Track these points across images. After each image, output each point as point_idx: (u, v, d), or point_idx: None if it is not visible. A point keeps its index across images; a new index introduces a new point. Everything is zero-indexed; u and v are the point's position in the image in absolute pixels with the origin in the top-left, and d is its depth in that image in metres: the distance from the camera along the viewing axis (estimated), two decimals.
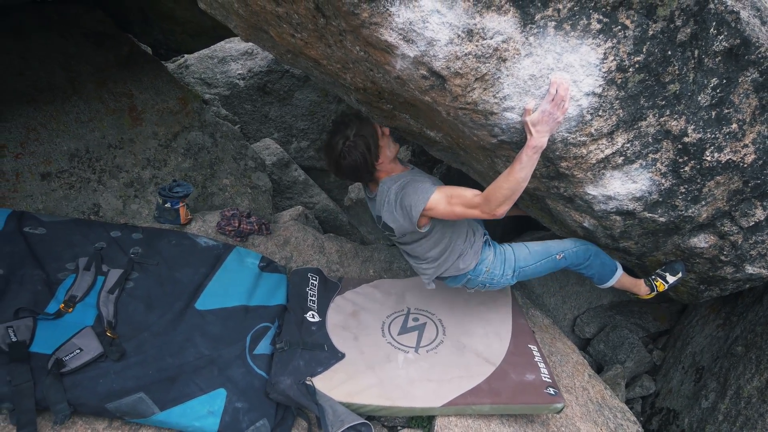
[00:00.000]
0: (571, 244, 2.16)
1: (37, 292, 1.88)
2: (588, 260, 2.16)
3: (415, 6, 1.20)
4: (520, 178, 1.59)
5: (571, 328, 3.79)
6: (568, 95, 1.45)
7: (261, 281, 2.41)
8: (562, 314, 3.79)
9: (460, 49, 1.29)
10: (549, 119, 1.47)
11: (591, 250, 2.16)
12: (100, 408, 1.60)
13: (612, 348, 3.51)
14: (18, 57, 2.74)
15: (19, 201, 2.72)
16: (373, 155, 1.89)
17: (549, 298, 3.78)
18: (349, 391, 1.96)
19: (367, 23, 1.23)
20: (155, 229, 2.46)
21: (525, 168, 1.56)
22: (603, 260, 2.20)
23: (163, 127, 3.04)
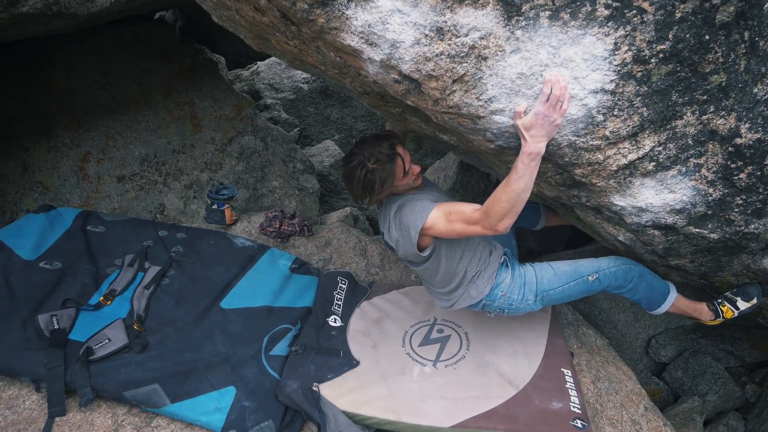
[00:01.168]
0: (607, 263, 1.89)
1: (85, 284, 2.10)
2: (630, 282, 1.88)
3: (372, 7, 1.12)
4: (518, 189, 1.41)
5: (645, 350, 3.38)
6: (567, 94, 1.26)
7: (290, 283, 2.47)
8: (633, 333, 3.39)
9: (429, 50, 1.19)
10: (544, 122, 1.29)
11: (634, 270, 1.87)
12: (119, 395, 1.75)
13: (691, 377, 3.08)
14: (100, 73, 3.09)
15: (99, 201, 3.08)
16: (379, 193, 1.75)
17: (618, 314, 3.40)
18: (356, 400, 1.92)
19: (326, 29, 1.18)
20: (198, 229, 2.63)
21: (523, 178, 1.39)
22: (650, 282, 1.90)
23: (219, 133, 3.24)
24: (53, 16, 2.20)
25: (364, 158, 1.71)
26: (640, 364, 3.30)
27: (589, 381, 2.32)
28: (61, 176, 3.01)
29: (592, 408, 2.17)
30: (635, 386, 2.43)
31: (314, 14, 1.15)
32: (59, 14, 2.20)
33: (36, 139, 3.00)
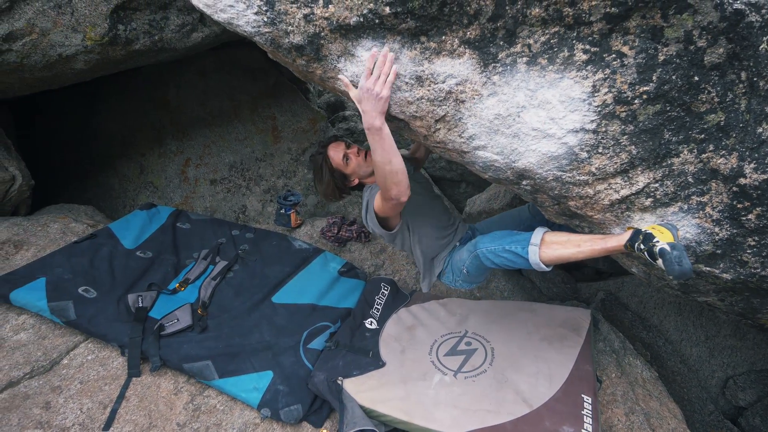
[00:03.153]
0: (465, 255, 2.02)
1: (167, 272, 2.56)
2: (487, 265, 1.89)
3: (358, 61, 1.31)
4: (378, 163, 1.52)
5: (721, 391, 3.11)
6: (393, 68, 1.31)
7: (337, 285, 2.72)
8: (708, 371, 3.14)
9: (410, 95, 1.34)
10: (370, 97, 1.35)
11: (477, 253, 1.88)
12: (179, 366, 2.14)
13: None
14: (201, 92, 3.64)
15: (195, 200, 3.64)
16: (337, 190, 2.11)
17: (690, 347, 3.17)
18: (374, 398, 2.11)
19: (324, 77, 1.39)
20: (265, 231, 3.00)
21: (376, 151, 1.49)
22: (501, 255, 1.77)
23: (295, 144, 3.62)
24: (158, 51, 2.70)
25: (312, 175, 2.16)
26: (711, 405, 3.03)
27: (622, 413, 2.25)
28: (167, 178, 3.62)
29: None
30: (679, 425, 2.30)
31: (312, 67, 1.37)
32: (163, 49, 2.69)
33: (150, 147, 3.63)
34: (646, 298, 3.22)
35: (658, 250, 1.27)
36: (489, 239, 1.79)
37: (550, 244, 1.57)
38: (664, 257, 1.26)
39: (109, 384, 2.15)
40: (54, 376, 2.17)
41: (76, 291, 2.32)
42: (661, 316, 3.17)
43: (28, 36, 2.41)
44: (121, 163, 3.69)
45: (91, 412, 2.04)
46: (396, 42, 1.29)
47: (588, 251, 1.47)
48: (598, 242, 1.46)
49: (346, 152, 2.07)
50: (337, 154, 2.07)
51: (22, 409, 2.02)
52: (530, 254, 1.60)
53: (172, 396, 2.15)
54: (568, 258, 1.55)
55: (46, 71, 2.58)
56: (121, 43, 2.55)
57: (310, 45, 1.31)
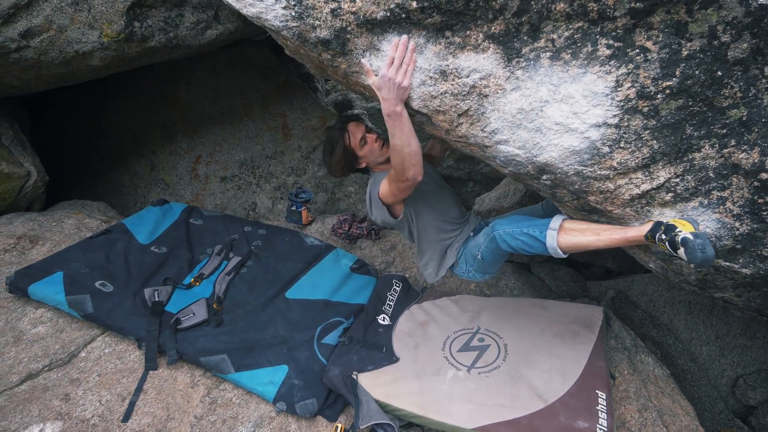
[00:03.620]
0: (481, 238, 1.99)
1: (182, 267, 2.58)
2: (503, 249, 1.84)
3: (382, 55, 1.33)
4: (398, 146, 1.56)
5: (731, 389, 3.12)
6: (412, 59, 1.34)
7: (349, 281, 2.74)
8: (717, 369, 3.15)
9: (434, 89, 1.36)
10: (390, 85, 1.38)
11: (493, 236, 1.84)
12: (196, 359, 2.15)
13: None
14: (212, 90, 3.66)
15: (206, 197, 3.66)
16: (345, 167, 2.12)
17: (700, 346, 3.18)
18: (389, 392, 2.12)
19: (349, 72, 1.41)
20: (277, 228, 3.02)
21: (395, 135, 1.53)
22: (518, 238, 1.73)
23: (305, 141, 3.64)
24: (173, 48, 2.72)
25: (325, 148, 2.14)
26: (721, 403, 3.04)
27: (635, 409, 2.26)
28: (178, 175, 3.64)
29: None
30: (692, 423, 2.30)
31: (337, 62, 1.38)
32: (178, 46, 2.71)
33: (161, 144, 3.66)
34: (656, 297, 3.23)
35: (681, 239, 1.28)
36: (507, 222, 1.78)
37: (569, 231, 1.57)
38: (686, 245, 1.26)
39: (127, 377, 2.17)
40: (72, 368, 2.19)
41: (93, 285, 2.34)
42: (671, 315, 3.18)
43: (46, 33, 2.43)
44: (132, 160, 3.72)
45: (110, 404, 2.06)
46: (421, 36, 1.30)
47: (607, 240, 1.47)
48: (618, 232, 1.46)
49: (366, 135, 2.09)
50: (356, 134, 2.08)
51: (42, 401, 2.04)
52: (548, 238, 1.59)
53: (189, 389, 2.17)
54: (586, 245, 1.54)
55: (62, 68, 2.60)
56: (136, 40, 2.57)
57: (337, 39, 1.33)
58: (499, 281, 3.24)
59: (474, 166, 4.41)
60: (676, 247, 1.28)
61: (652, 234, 1.36)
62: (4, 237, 2.76)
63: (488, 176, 4.33)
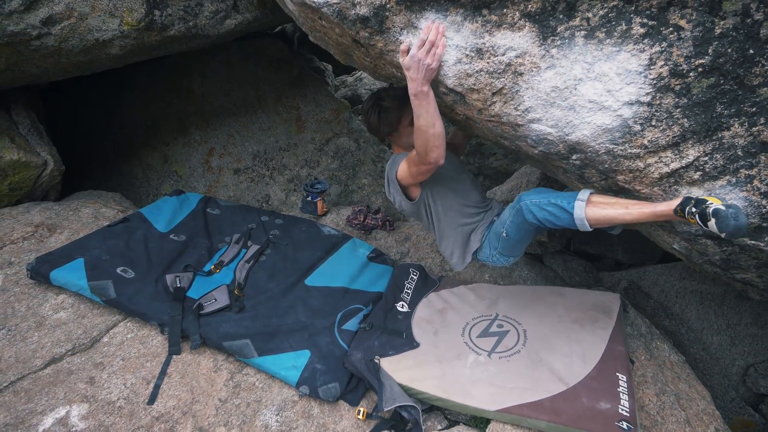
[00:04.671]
0: (507, 212, 1.97)
1: (201, 255, 2.60)
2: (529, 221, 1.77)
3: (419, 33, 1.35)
4: (423, 127, 1.58)
5: (741, 378, 3.14)
6: (442, 41, 1.37)
7: (366, 270, 2.76)
8: (728, 359, 3.17)
9: (470, 67, 1.38)
10: (419, 66, 1.40)
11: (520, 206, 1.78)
12: (218, 344, 2.17)
13: None
14: (226, 82, 3.68)
15: (219, 189, 3.68)
16: (383, 128, 2.08)
17: (711, 336, 3.21)
18: (412, 376, 2.14)
19: (384, 51, 1.43)
20: (293, 217, 3.04)
21: (421, 116, 1.55)
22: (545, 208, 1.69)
23: (319, 134, 3.66)
24: (192, 37, 2.74)
25: (384, 94, 2.05)
26: (732, 392, 3.07)
27: (653, 393, 2.28)
28: (191, 167, 3.66)
29: (651, 419, 2.15)
30: (708, 407, 2.33)
31: (374, 40, 1.41)
32: (197, 35, 2.73)
33: (175, 136, 3.67)
34: (668, 287, 3.26)
35: (712, 210, 1.29)
36: (533, 193, 1.75)
37: (597, 204, 1.56)
38: (718, 216, 1.27)
39: (150, 361, 2.18)
40: (95, 353, 2.21)
41: (114, 271, 2.35)
42: (683, 305, 3.21)
43: (67, 20, 2.45)
44: (145, 152, 3.73)
45: (134, 387, 2.08)
46: (458, 15, 1.33)
47: (636, 214, 1.47)
48: (647, 206, 1.47)
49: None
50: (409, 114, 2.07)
51: (67, 384, 2.05)
52: (576, 209, 1.56)
53: (212, 373, 2.18)
54: (614, 219, 1.53)
55: (82, 56, 2.62)
56: (156, 29, 2.59)
57: (375, 17, 1.35)
58: (512, 272, 3.26)
59: (484, 161, 4.44)
60: (707, 219, 1.30)
61: (682, 208, 1.37)
62: (22, 225, 2.78)
63: (498, 170, 4.37)
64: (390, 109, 2.06)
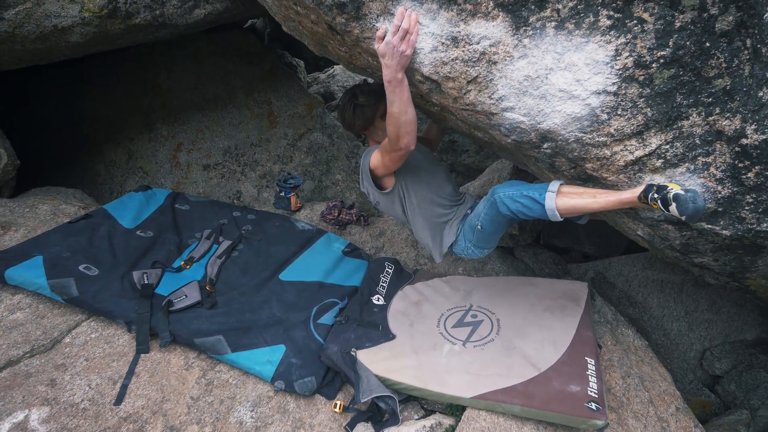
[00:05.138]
0: (482, 205, 2.00)
1: (170, 251, 2.53)
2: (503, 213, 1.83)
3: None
4: (394, 114, 1.63)
5: (699, 362, 3.30)
6: (416, 28, 1.40)
7: (342, 264, 2.75)
8: (687, 343, 3.33)
9: (446, 55, 1.41)
10: (394, 52, 1.43)
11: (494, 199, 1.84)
12: (190, 341, 2.12)
13: (744, 390, 3.00)
14: (194, 75, 3.59)
15: (188, 186, 3.59)
16: (358, 123, 2.12)
17: (671, 322, 3.36)
18: (388, 367, 2.15)
19: (361, 38, 1.44)
20: (266, 213, 3.00)
21: (394, 102, 1.59)
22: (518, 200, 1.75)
23: (292, 129, 3.63)
24: (159, 26, 2.67)
25: (358, 91, 2.10)
26: (690, 374, 3.23)
27: (619, 376, 2.38)
28: (158, 163, 3.55)
29: (617, 400, 2.23)
30: (669, 387, 2.44)
31: (350, 26, 1.41)
32: (164, 24, 2.66)
33: (140, 131, 3.56)
34: (632, 277, 3.39)
35: (672, 195, 1.37)
36: (506, 186, 1.83)
37: (567, 194, 1.63)
38: (678, 200, 1.35)
39: (117, 361, 2.11)
40: (56, 354, 2.12)
41: (76, 268, 2.26)
42: (645, 294, 3.35)
43: (22, 4, 2.34)
44: (108, 147, 3.60)
45: (100, 387, 2.00)
46: (434, 2, 1.35)
47: (603, 202, 1.55)
48: (613, 195, 1.55)
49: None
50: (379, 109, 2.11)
51: (26, 387, 1.96)
52: (547, 200, 1.64)
53: (184, 371, 2.13)
54: (583, 208, 1.61)
55: (38, 43, 2.51)
56: (120, 17, 2.51)
57: (352, 2, 1.35)
58: (485, 265, 3.31)
59: (456, 158, 4.50)
60: (668, 204, 1.38)
61: (645, 194, 1.45)
62: None
63: (471, 167, 4.44)
64: (365, 105, 2.10)
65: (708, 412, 3.08)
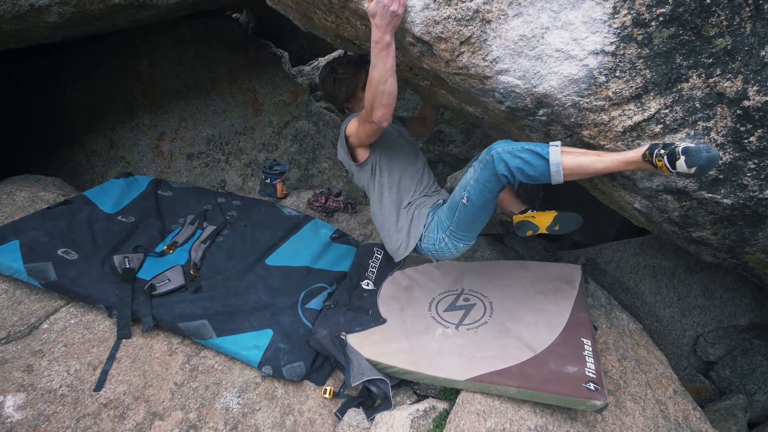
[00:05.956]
0: (471, 174, 1.77)
1: (153, 236, 2.44)
2: (502, 171, 1.61)
3: None
4: (374, 80, 1.57)
5: (692, 348, 3.28)
6: None
7: (330, 250, 2.68)
8: (680, 330, 3.31)
9: (438, 14, 1.35)
10: (385, 12, 1.38)
11: (495, 158, 1.61)
12: (173, 325, 2.03)
13: (740, 375, 2.98)
14: (176, 63, 3.50)
15: (170, 175, 3.49)
16: (340, 96, 2.07)
17: (663, 309, 3.33)
18: (379, 351, 2.09)
19: None
20: (251, 199, 2.92)
21: (375, 67, 1.53)
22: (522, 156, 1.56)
23: (277, 117, 3.55)
24: (139, 7, 2.58)
25: (336, 64, 2.06)
26: (684, 361, 3.21)
27: (615, 359, 2.33)
28: (140, 152, 3.45)
29: (614, 383, 2.19)
30: (666, 370, 2.41)
31: None
32: (144, 5, 2.57)
33: (122, 120, 3.45)
34: (623, 263, 3.37)
35: (681, 149, 1.31)
36: (504, 142, 1.63)
37: (571, 152, 1.52)
38: (688, 153, 1.28)
39: (97, 346, 2.02)
40: (34, 340, 2.02)
41: (55, 252, 2.16)
42: (637, 280, 3.32)
43: None
44: (88, 137, 3.49)
45: (79, 373, 1.91)
46: None
47: (608, 161, 1.46)
48: (617, 155, 1.46)
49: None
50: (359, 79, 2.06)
51: (0, 373, 1.85)
52: (551, 154, 1.49)
53: (167, 357, 2.04)
54: (587, 167, 1.49)
55: (15, 23, 2.40)
56: None
57: None
58: (474, 253, 3.27)
59: (444, 148, 4.46)
60: (675, 158, 1.31)
61: (650, 152, 1.39)
62: None
63: (458, 157, 4.40)
64: (345, 76, 2.06)
65: (703, 399, 3.06)
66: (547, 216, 1.97)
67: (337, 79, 2.05)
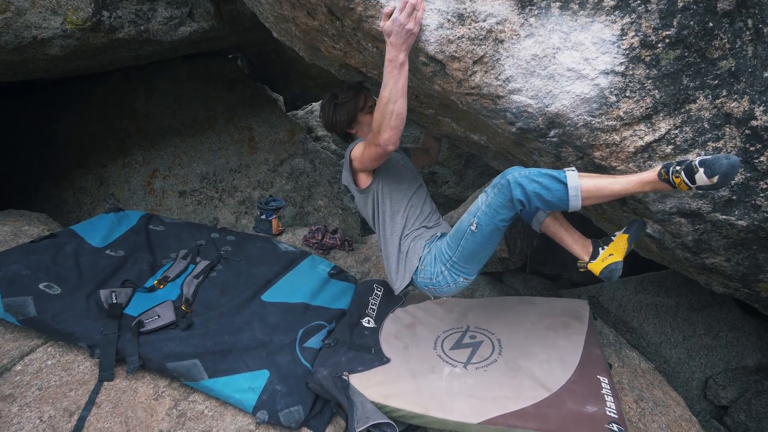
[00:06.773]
0: (483, 200, 1.69)
1: (142, 270, 2.32)
2: (518, 196, 1.53)
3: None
4: (384, 99, 1.53)
5: (702, 392, 3.16)
6: (422, 4, 1.36)
7: (328, 286, 2.58)
8: (687, 372, 3.20)
9: (451, 33, 1.36)
10: (401, 30, 1.37)
11: (510, 183, 1.54)
12: (161, 365, 1.88)
13: (756, 420, 2.86)
14: (173, 100, 3.51)
15: (162, 213, 3.40)
16: (341, 121, 2.06)
17: (669, 349, 3.24)
18: (385, 393, 1.95)
19: (364, 17, 1.38)
20: (246, 234, 2.83)
21: (386, 86, 1.50)
22: (539, 180, 1.50)
23: (272, 155, 3.54)
24: (142, 43, 2.60)
25: (336, 90, 2.06)
26: (696, 406, 3.08)
27: (632, 400, 2.22)
28: (131, 189, 3.37)
29: (634, 426, 2.07)
30: (685, 412, 2.29)
31: (354, 3, 1.36)
32: (147, 41, 2.59)
33: (113, 157, 3.40)
34: (625, 302, 3.30)
35: (698, 162, 1.28)
36: (518, 168, 1.57)
37: (586, 176, 1.47)
38: (705, 164, 1.25)
39: (75, 390, 1.85)
40: (4, 383, 1.84)
41: (36, 286, 2.03)
42: (641, 319, 3.25)
43: (2, 14, 2.24)
44: (78, 173, 3.41)
45: (53, 420, 1.73)
46: None
47: (624, 182, 1.42)
48: (632, 176, 1.43)
49: (373, 105, 2.06)
50: (367, 100, 2.07)
51: None
52: (569, 178, 1.44)
53: (152, 401, 1.87)
54: (604, 188, 1.43)
55: (15, 54, 2.39)
56: (104, 30, 2.43)
57: None
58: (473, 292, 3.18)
59: (437, 189, 4.47)
60: (694, 172, 1.28)
61: (666, 170, 1.36)
62: None
63: (451, 198, 4.40)
64: (345, 102, 2.05)
65: None
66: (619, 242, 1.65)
67: (337, 104, 2.05)
